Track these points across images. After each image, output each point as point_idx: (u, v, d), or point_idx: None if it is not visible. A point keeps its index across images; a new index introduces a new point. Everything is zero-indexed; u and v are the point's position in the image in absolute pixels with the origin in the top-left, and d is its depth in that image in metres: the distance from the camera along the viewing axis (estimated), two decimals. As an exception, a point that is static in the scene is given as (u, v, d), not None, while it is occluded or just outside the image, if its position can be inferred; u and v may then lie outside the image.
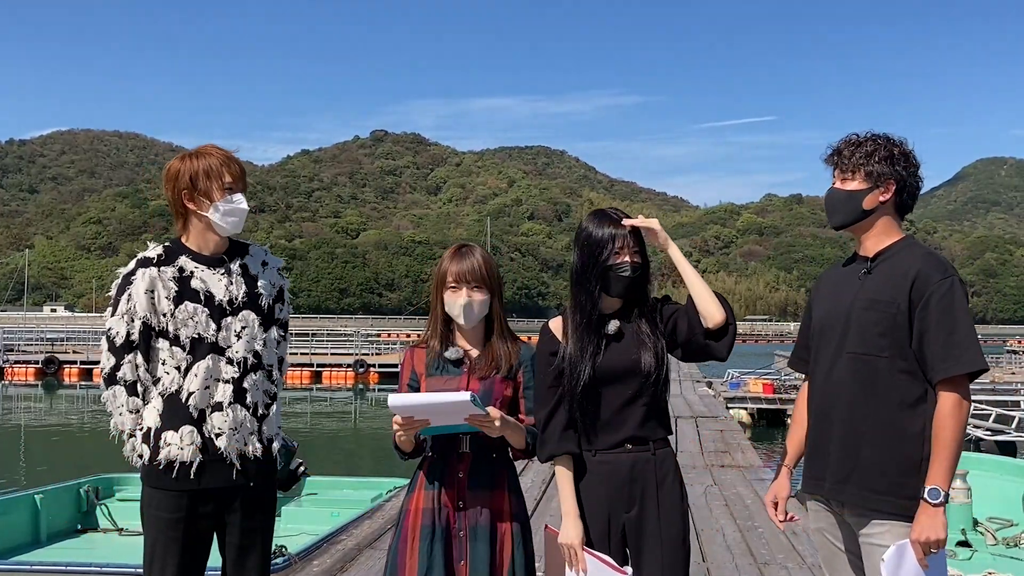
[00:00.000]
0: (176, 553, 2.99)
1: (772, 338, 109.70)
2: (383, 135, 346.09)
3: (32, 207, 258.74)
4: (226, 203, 3.04)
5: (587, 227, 3.07)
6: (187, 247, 3.10)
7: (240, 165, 3.12)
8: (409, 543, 2.96)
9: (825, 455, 2.91)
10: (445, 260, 3.10)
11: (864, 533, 2.83)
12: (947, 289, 2.74)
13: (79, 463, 16.72)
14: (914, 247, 2.90)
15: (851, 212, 2.92)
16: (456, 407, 2.78)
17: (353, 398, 36.50)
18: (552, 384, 3.02)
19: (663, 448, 3.05)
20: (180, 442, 2.97)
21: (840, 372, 2.87)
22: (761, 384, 25.82)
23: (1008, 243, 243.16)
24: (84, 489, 8.40)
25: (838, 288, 2.99)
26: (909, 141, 2.94)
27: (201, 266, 3.06)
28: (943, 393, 2.72)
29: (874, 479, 2.78)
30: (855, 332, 2.84)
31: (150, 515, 3.03)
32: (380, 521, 7.52)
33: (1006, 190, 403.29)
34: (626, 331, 3.04)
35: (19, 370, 42.85)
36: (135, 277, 3.01)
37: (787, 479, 3.13)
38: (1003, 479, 8.72)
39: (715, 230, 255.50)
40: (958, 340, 2.71)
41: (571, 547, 2.93)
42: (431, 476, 3.01)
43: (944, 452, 2.68)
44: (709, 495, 8.87)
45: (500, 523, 2.99)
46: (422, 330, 3.25)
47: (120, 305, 3.00)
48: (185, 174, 3.04)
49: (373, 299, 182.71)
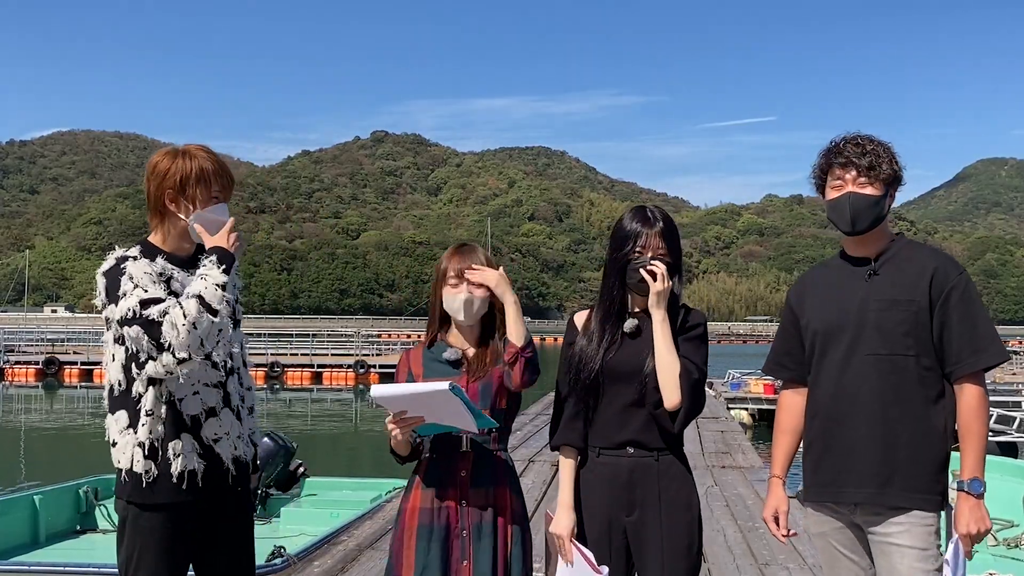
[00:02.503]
0: (169, 565, 2.86)
1: (773, 339, 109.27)
2: (383, 136, 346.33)
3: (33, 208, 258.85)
4: (211, 213, 2.89)
5: (622, 219, 3.04)
6: (161, 249, 2.93)
7: (231, 175, 2.98)
8: (405, 543, 2.95)
9: (845, 460, 2.85)
10: (445, 258, 3.09)
11: (879, 532, 2.81)
12: (965, 284, 2.78)
13: (79, 464, 16.70)
14: (914, 245, 2.93)
15: (876, 218, 2.87)
16: (439, 398, 2.74)
17: (353, 399, 36.47)
18: (567, 373, 3.02)
19: (668, 456, 2.98)
20: (185, 450, 2.83)
21: (857, 375, 2.82)
22: (762, 384, 25.75)
23: (1009, 244, 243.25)
24: (83, 490, 8.38)
25: (839, 290, 2.93)
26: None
27: (177, 268, 2.91)
28: (968, 386, 2.75)
29: (915, 479, 2.78)
30: (874, 333, 2.81)
31: (140, 526, 2.83)
32: (380, 522, 7.50)
33: (1007, 191, 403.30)
34: (644, 331, 2.98)
35: (19, 371, 42.77)
36: (125, 265, 2.80)
37: (783, 490, 3.10)
38: (1004, 480, 8.69)
39: (715, 231, 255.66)
40: (982, 333, 2.76)
41: (560, 537, 2.94)
42: (430, 476, 2.99)
43: (977, 443, 2.73)
44: (710, 496, 8.86)
45: (503, 520, 2.98)
46: (422, 331, 3.23)
47: (123, 286, 2.75)
48: (175, 175, 2.88)
49: (374, 300, 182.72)
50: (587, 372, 2.95)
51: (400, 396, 2.83)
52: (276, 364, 42.01)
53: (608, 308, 3.00)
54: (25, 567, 6.37)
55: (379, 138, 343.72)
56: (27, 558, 7.11)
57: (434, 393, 2.75)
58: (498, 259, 3.25)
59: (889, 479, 2.78)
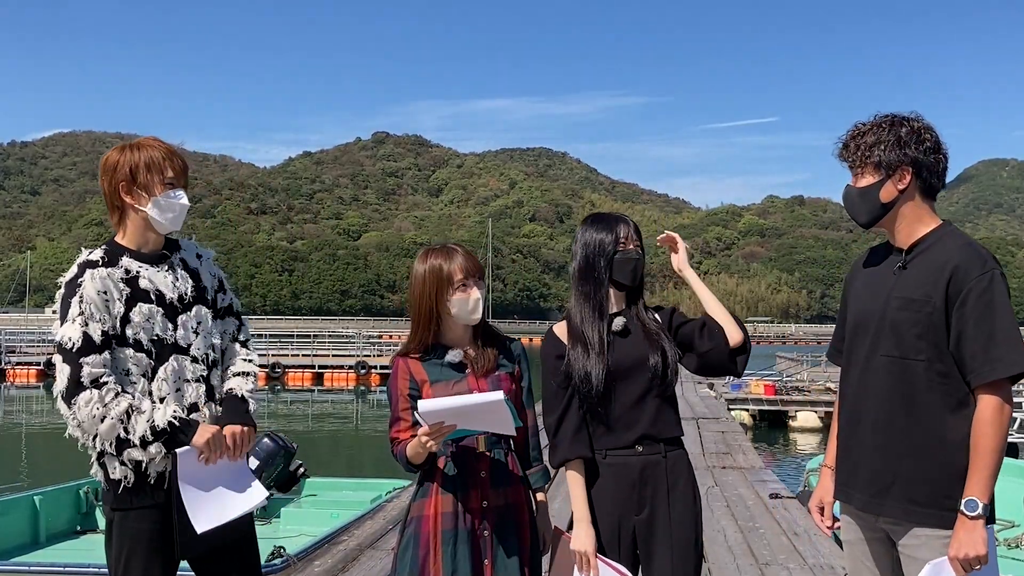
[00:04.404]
0: (159, 564, 2.85)
1: (774, 340, 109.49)
2: (384, 136, 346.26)
3: (34, 209, 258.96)
4: (166, 198, 2.89)
5: (589, 225, 3.11)
6: (126, 247, 2.93)
7: (183, 160, 2.97)
8: (432, 550, 2.88)
9: (854, 462, 2.76)
10: (439, 261, 2.97)
11: (903, 544, 2.67)
12: (987, 285, 2.54)
13: (79, 464, 16.68)
14: (951, 236, 2.67)
15: (871, 210, 2.72)
16: (488, 408, 2.73)
17: (354, 400, 36.49)
18: (561, 388, 3.00)
19: (675, 451, 3.03)
20: (157, 454, 2.78)
21: (874, 375, 2.69)
22: (763, 385, 25.80)
23: (1010, 245, 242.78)
24: (83, 490, 8.40)
25: (873, 284, 2.78)
26: (922, 115, 2.72)
27: (145, 265, 2.91)
28: (983, 397, 2.53)
29: (916, 490, 2.61)
30: (890, 333, 2.65)
31: (126, 529, 2.83)
32: (381, 522, 7.50)
33: (1008, 192, 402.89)
34: (632, 328, 3.05)
35: (20, 372, 42.82)
36: (83, 279, 2.79)
37: (831, 481, 2.91)
38: (1004, 480, 8.64)
39: (717, 231, 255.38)
40: (1000, 340, 2.51)
41: (584, 554, 2.90)
42: (448, 480, 2.93)
43: (983, 461, 2.51)
44: (710, 496, 8.85)
45: (521, 515, 2.98)
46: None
47: (71, 309, 2.75)
48: (124, 166, 2.88)
49: (375, 301, 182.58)
50: (594, 379, 2.94)
51: (449, 409, 2.74)
52: (277, 365, 42.06)
53: (592, 311, 3.03)
54: (25, 567, 6.37)
55: (380, 139, 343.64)
56: (27, 558, 7.13)
57: (485, 404, 2.74)
58: (499, 260, 3.25)
59: (887, 489, 2.65)
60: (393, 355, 3.13)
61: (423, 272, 2.99)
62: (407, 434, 2.92)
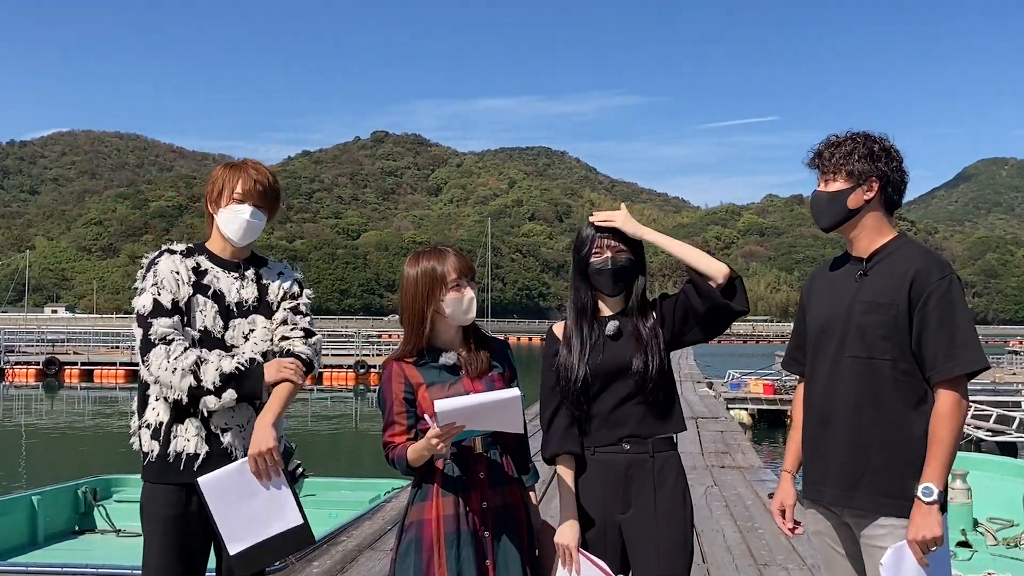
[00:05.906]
0: (175, 554, 3.00)
1: (773, 339, 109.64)
2: (384, 136, 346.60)
3: (33, 208, 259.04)
4: (230, 210, 3.13)
5: (580, 229, 3.18)
6: (207, 249, 3.22)
7: (259, 182, 3.17)
8: (436, 553, 2.87)
9: (826, 460, 2.88)
10: (432, 262, 2.97)
11: (865, 535, 2.81)
12: (947, 288, 2.71)
13: (78, 464, 16.71)
14: (910, 245, 2.87)
15: (836, 213, 2.90)
16: (503, 406, 2.75)
17: (353, 399, 36.48)
18: (554, 385, 3.07)
19: (664, 451, 3.04)
20: (186, 434, 3.02)
21: (842, 376, 2.84)
22: (762, 385, 25.79)
23: (1009, 243, 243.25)
24: (82, 490, 8.38)
25: (835, 290, 2.95)
26: (890, 137, 2.90)
27: (216, 267, 3.17)
28: (942, 392, 2.70)
29: (885, 483, 2.76)
30: (856, 335, 2.81)
31: (150, 512, 3.05)
32: (380, 522, 7.50)
33: (1007, 190, 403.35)
34: (625, 331, 3.07)
35: (20, 371, 42.76)
36: (160, 260, 3.12)
37: (791, 484, 3.10)
38: (1003, 480, 8.71)
39: (716, 231, 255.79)
40: (959, 339, 2.69)
41: (566, 548, 2.95)
42: (449, 482, 2.93)
43: (940, 451, 2.67)
44: (709, 496, 8.84)
45: (518, 514, 2.99)
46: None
47: (146, 281, 3.08)
48: (215, 180, 3.20)
49: (374, 300, 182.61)
50: (575, 379, 3.01)
51: (466, 408, 2.74)
52: (276, 364, 41.98)
53: (581, 313, 3.09)
54: (24, 567, 6.35)
55: (379, 138, 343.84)
56: (26, 558, 7.11)
57: (502, 402, 2.76)
58: (498, 259, 3.26)
59: (857, 482, 2.79)
60: (385, 359, 3.13)
61: (415, 275, 2.98)
62: (402, 438, 2.92)
